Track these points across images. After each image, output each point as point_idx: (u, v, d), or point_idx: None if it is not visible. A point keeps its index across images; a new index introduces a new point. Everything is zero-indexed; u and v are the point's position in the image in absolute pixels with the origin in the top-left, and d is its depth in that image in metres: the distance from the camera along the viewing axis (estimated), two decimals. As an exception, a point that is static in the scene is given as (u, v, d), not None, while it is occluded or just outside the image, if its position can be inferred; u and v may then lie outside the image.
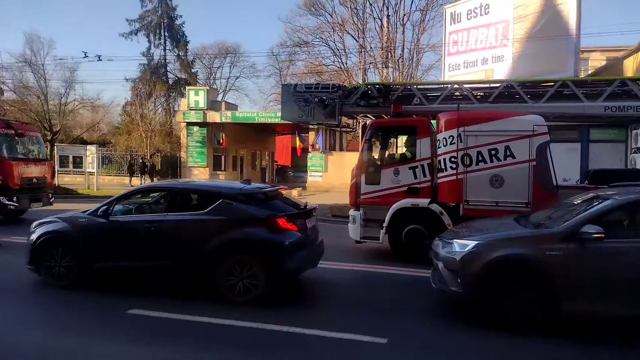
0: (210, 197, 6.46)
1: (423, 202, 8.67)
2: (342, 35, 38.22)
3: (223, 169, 30.10)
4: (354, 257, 9.15)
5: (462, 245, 5.53)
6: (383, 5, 35.79)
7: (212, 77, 50.17)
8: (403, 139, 10.07)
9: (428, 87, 12.41)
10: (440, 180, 8.51)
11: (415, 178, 8.81)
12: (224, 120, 28.48)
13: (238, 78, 51.17)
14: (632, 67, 17.70)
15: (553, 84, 10.63)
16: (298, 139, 29.11)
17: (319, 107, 11.48)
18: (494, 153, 8.11)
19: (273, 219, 6.19)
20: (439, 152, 8.53)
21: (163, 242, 6.30)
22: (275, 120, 27.08)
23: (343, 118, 13.67)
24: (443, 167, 8.41)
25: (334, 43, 38.70)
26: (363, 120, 15.11)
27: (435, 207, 8.56)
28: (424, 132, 8.96)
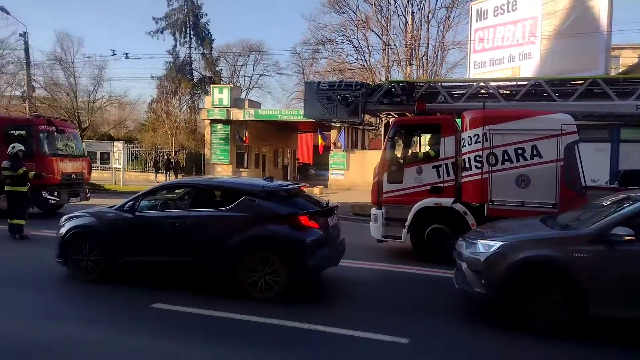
0: (233, 194, 6.52)
1: (446, 201, 8.58)
2: (365, 33, 38.12)
3: (246, 167, 30.39)
4: (376, 256, 9.12)
5: (486, 246, 5.44)
6: (408, 3, 35.55)
7: (236, 75, 50.78)
8: (426, 138, 9.96)
9: (453, 84, 12.26)
10: (465, 180, 8.40)
11: (439, 177, 8.71)
12: (247, 118, 28.74)
13: (261, 76, 51.76)
14: (666, 64, 17.13)
15: (583, 82, 10.36)
16: (320, 137, 29.12)
17: (342, 104, 11.47)
18: (521, 152, 7.96)
19: (295, 217, 6.20)
20: (464, 150, 8.41)
21: (187, 237, 6.39)
22: (298, 118, 27.19)
23: (366, 116, 13.63)
24: (467, 166, 8.30)
25: (358, 40, 38.65)
26: (386, 119, 15.04)
27: (459, 206, 8.45)
28: (449, 130, 8.85)
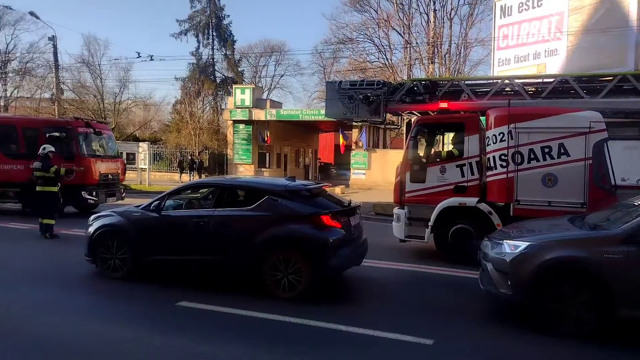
0: (256, 193, 6.57)
1: (471, 201, 8.46)
2: (387, 31, 37.87)
3: (267, 166, 30.59)
4: (398, 256, 9.06)
5: (513, 246, 5.35)
6: (430, 0, 35.15)
7: (257, 75, 51.10)
8: (450, 136, 9.84)
9: (477, 82, 12.08)
10: (490, 179, 8.27)
11: (463, 176, 8.60)
12: (269, 118, 28.92)
13: (283, 76, 51.90)
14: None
15: (612, 79, 10.09)
16: (341, 137, 29.10)
17: (364, 104, 11.42)
18: (547, 151, 7.80)
19: (317, 216, 6.22)
20: (488, 149, 8.29)
21: (211, 237, 6.46)
22: (319, 118, 27.23)
23: (387, 115, 13.56)
24: (492, 165, 8.17)
25: (379, 39, 38.41)
26: (408, 117, 14.94)
27: (484, 206, 8.32)
28: (473, 128, 8.72)
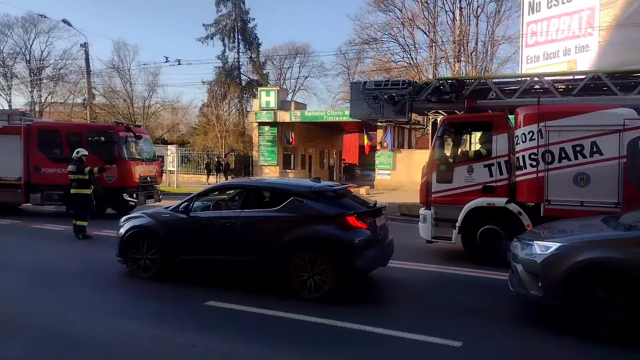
0: (282, 194, 6.61)
1: (500, 201, 8.30)
2: (412, 30, 37.53)
3: (292, 168, 30.73)
4: (425, 257, 8.96)
5: (543, 247, 5.22)
6: (455, -2, 34.67)
7: (282, 77, 51.39)
8: (477, 136, 9.69)
9: (505, 80, 11.82)
10: (519, 179, 8.10)
11: (491, 176, 8.45)
12: (294, 120, 29.05)
13: (307, 78, 52.04)
14: None
15: (647, 74, 9.74)
16: (366, 137, 28.97)
17: (389, 104, 11.34)
18: (579, 149, 7.58)
19: (343, 217, 6.21)
20: (518, 148, 8.11)
21: (238, 237, 6.53)
22: (344, 119, 27.19)
23: (413, 115, 13.43)
24: (522, 164, 7.99)
25: (404, 39, 38.09)
26: (433, 117, 14.77)
27: (513, 206, 8.15)
28: (501, 127, 8.56)
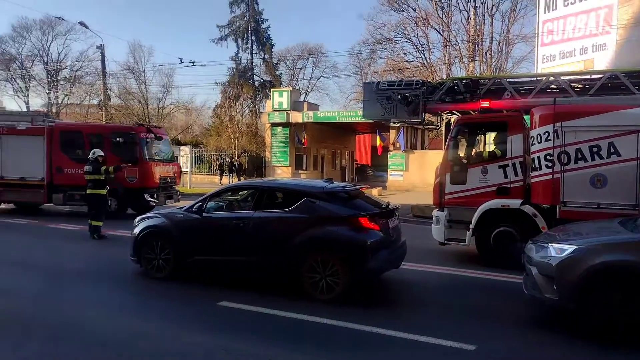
0: (295, 195, 6.61)
1: (514, 203, 8.20)
2: (425, 30, 37.36)
3: (305, 168, 30.75)
4: (438, 259, 8.89)
5: (559, 250, 5.13)
6: (470, -3, 34.41)
7: (295, 78, 51.50)
8: (492, 136, 9.58)
9: (520, 80, 11.64)
10: (534, 180, 7.99)
11: (506, 177, 8.35)
12: (306, 121, 29.07)
13: (320, 78, 52.04)
14: None
15: (666, 73, 9.52)
16: (379, 138, 28.84)
17: (402, 104, 11.26)
18: (596, 150, 7.45)
19: (355, 218, 6.19)
20: (533, 149, 8.00)
21: (250, 238, 6.55)
22: (356, 120, 27.14)
23: (426, 115, 13.32)
24: (537, 165, 7.88)
25: (417, 38, 37.96)
26: (447, 117, 14.63)
27: (528, 208, 8.05)
28: (516, 128, 8.46)
